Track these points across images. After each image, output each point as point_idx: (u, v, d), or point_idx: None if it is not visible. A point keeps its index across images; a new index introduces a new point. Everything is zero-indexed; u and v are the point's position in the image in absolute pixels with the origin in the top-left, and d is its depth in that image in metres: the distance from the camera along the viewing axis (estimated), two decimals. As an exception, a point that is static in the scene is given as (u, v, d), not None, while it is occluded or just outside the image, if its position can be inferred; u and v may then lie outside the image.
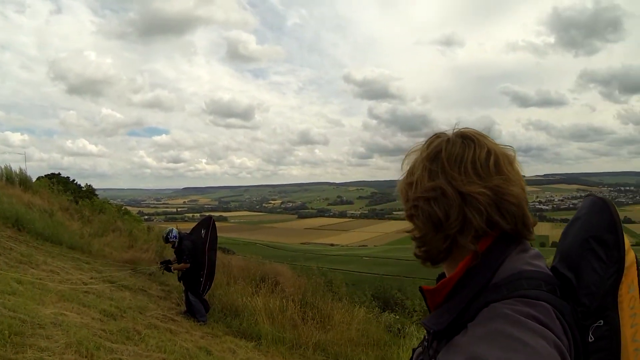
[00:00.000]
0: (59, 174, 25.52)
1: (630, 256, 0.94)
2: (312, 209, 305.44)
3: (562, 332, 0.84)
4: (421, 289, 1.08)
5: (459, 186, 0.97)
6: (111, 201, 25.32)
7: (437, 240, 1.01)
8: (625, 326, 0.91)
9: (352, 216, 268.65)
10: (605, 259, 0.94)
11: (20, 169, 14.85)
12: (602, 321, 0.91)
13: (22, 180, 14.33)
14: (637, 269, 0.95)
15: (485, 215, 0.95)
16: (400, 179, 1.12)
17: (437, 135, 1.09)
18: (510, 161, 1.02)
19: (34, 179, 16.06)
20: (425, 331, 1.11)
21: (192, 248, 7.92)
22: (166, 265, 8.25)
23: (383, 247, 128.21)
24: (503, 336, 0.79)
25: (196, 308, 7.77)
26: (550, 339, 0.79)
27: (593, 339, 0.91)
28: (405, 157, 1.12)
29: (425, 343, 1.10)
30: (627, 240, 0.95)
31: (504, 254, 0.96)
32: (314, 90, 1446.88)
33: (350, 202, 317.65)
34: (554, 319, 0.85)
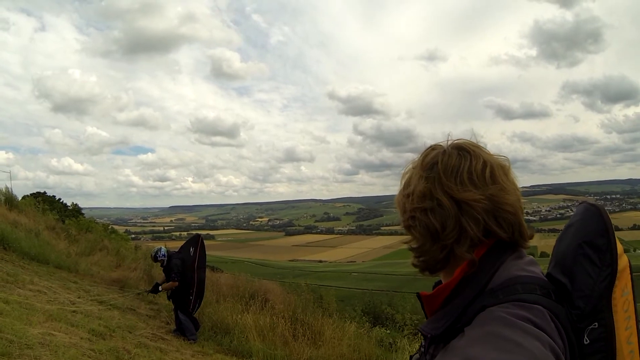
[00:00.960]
0: (45, 192, 25.35)
1: (623, 260, 0.96)
2: (299, 225, 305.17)
3: (557, 334, 0.86)
4: (419, 295, 1.10)
5: (455, 194, 1.00)
6: (98, 220, 25.07)
7: (434, 250, 1.04)
8: (620, 329, 0.93)
9: (340, 232, 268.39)
10: (598, 263, 0.96)
11: (6, 188, 14.77)
12: (596, 323, 0.93)
13: (7, 199, 14.20)
14: (630, 272, 0.97)
15: (482, 224, 0.98)
16: (398, 191, 1.15)
17: (433, 148, 1.11)
18: (506, 171, 1.05)
19: (19, 198, 15.92)
20: (422, 338, 1.12)
21: (181, 266, 7.86)
22: (154, 289, 8.15)
23: (371, 262, 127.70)
24: (499, 338, 0.80)
25: (186, 326, 7.69)
26: (545, 341, 0.81)
27: (588, 341, 0.93)
28: (404, 173, 1.15)
29: (422, 349, 1.12)
30: (620, 245, 0.97)
31: (499, 261, 0.99)
32: (299, 108, 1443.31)
33: (337, 219, 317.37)
34: (549, 321, 0.87)
